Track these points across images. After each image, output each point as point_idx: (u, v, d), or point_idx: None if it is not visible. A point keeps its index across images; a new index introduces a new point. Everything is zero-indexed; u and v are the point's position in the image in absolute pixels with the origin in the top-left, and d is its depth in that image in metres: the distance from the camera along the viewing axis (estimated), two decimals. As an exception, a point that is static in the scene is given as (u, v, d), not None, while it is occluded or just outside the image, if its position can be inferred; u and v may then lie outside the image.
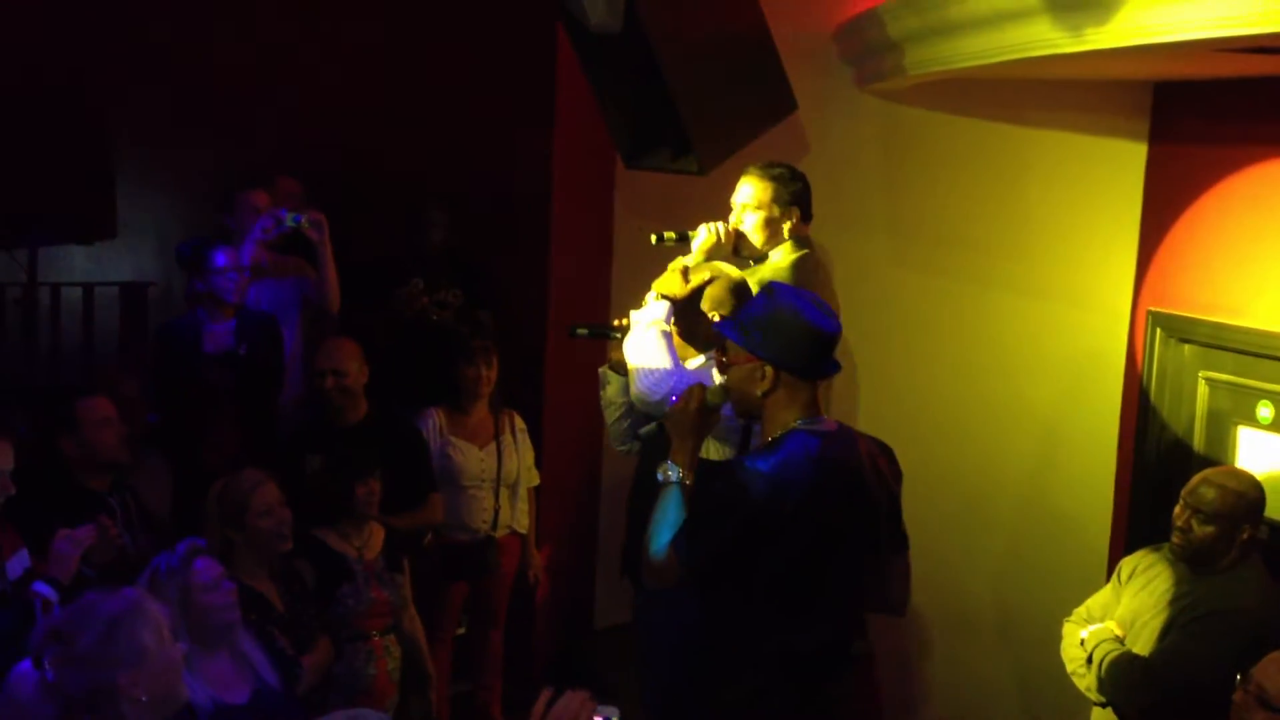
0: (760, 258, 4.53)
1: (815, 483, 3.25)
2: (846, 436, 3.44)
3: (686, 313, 4.12)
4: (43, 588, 3.62)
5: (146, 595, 3.16)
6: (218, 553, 4.18)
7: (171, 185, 7.07)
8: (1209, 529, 4.05)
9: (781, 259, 4.45)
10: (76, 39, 6.41)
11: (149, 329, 6.67)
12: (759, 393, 3.31)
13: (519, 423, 5.75)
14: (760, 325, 3.31)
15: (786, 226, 4.49)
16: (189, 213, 6.99)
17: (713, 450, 3.95)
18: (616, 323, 4.11)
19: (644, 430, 3.62)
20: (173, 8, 6.55)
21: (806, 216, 4.56)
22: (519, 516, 5.72)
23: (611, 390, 4.15)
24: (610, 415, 4.46)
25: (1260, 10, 3.23)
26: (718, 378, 3.80)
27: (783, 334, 3.30)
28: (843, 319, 4.61)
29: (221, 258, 5.35)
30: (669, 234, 4.56)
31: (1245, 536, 4.05)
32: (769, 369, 3.30)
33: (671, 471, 3.37)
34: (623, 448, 4.56)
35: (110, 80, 6.49)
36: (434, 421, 5.56)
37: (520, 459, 5.70)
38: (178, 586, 3.62)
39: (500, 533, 5.64)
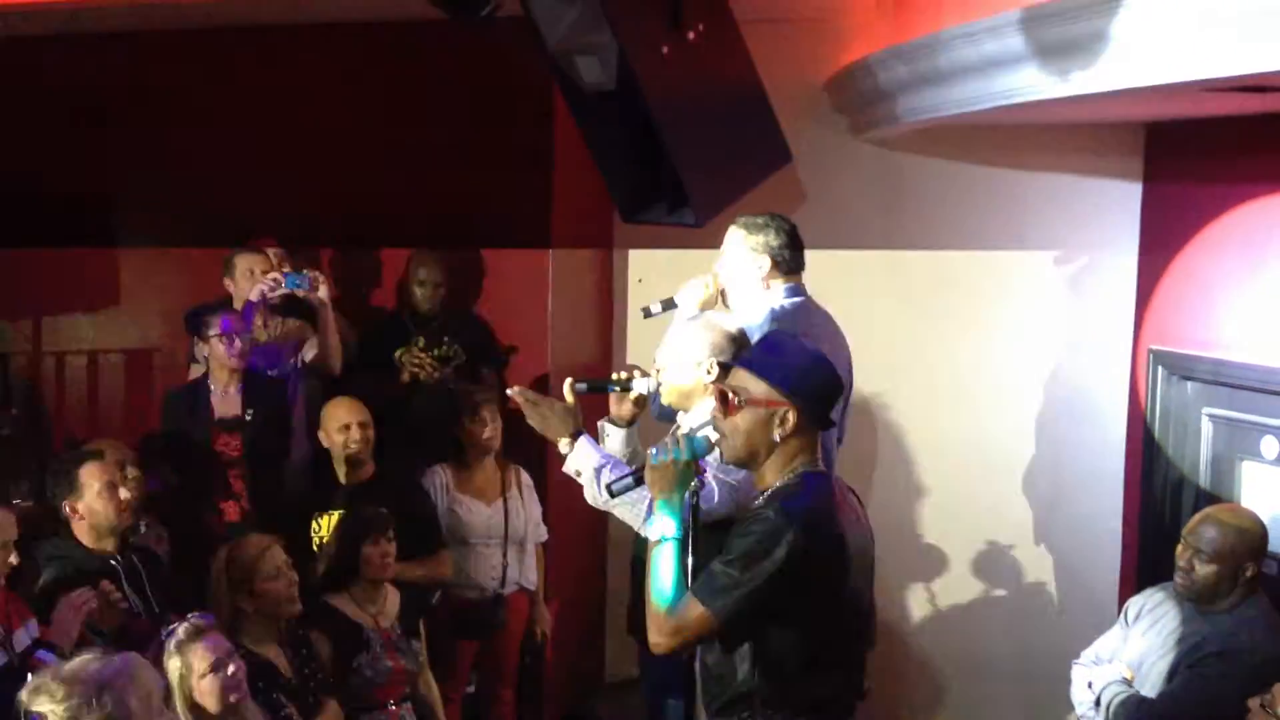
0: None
1: (837, 522, 3.26)
2: (838, 480, 3.45)
3: None
4: (45, 655, 3.62)
5: (141, 662, 3.17)
6: (226, 620, 4.18)
7: (173, 251, 7.10)
8: (1210, 568, 4.03)
9: (758, 309, 4.48)
10: (79, 105, 6.46)
11: (154, 395, 6.68)
12: (777, 437, 3.25)
13: (525, 478, 5.74)
14: (788, 367, 3.28)
15: (760, 275, 4.53)
16: (191, 279, 7.02)
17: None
18: (614, 375, 4.12)
19: (617, 483, 3.56)
20: (172, 73, 6.60)
21: (785, 267, 4.57)
22: (527, 573, 5.69)
23: (611, 443, 4.15)
24: None
25: (1245, 51, 3.26)
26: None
27: (814, 380, 3.29)
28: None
29: (225, 323, 5.38)
30: (655, 305, 4.61)
31: (1249, 574, 4.03)
32: (792, 414, 3.25)
33: (668, 527, 3.26)
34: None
35: (110, 146, 6.54)
36: (441, 479, 5.55)
37: (528, 514, 5.68)
38: (176, 668, 3.62)
39: (509, 589, 5.61)
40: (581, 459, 3.85)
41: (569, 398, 3.96)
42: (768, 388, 3.25)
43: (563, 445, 3.89)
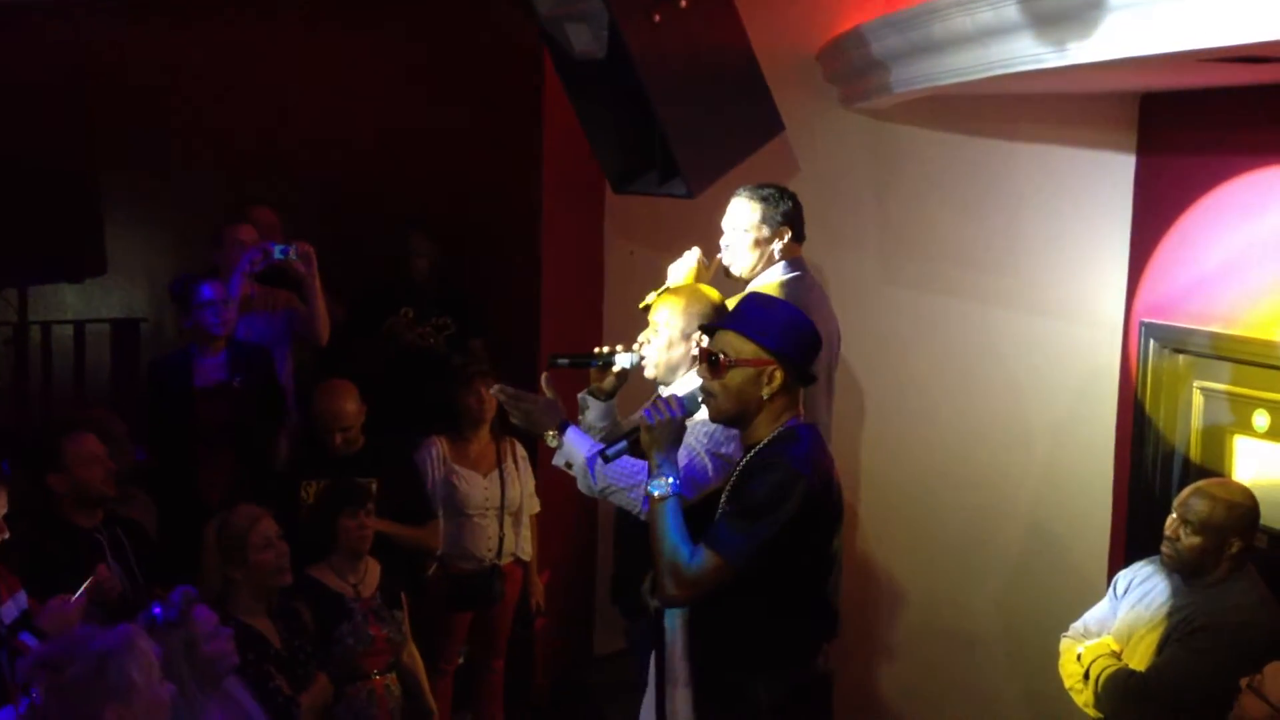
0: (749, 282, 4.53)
1: (834, 470, 3.41)
2: None
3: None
4: (28, 639, 3.59)
5: (140, 633, 3.15)
6: (216, 592, 4.17)
7: (161, 221, 7.06)
8: (1196, 540, 4.03)
9: (770, 282, 4.45)
10: (66, 75, 6.40)
11: (141, 365, 6.66)
12: (765, 395, 3.32)
13: (520, 450, 5.73)
14: (773, 327, 3.34)
15: (777, 248, 4.49)
16: (179, 248, 6.99)
17: None
18: (596, 350, 4.09)
19: (611, 450, 3.51)
20: (162, 45, 6.55)
21: (799, 236, 4.56)
22: (522, 544, 5.70)
23: (590, 415, 4.14)
24: None
25: (1240, 21, 3.23)
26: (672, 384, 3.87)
27: (794, 336, 3.36)
28: (836, 338, 4.63)
29: (208, 291, 5.35)
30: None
31: (1235, 549, 4.03)
32: (779, 371, 3.31)
33: (670, 484, 3.32)
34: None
35: (99, 117, 6.49)
36: (437, 450, 5.54)
37: (523, 486, 5.68)
38: (181, 638, 3.60)
39: (505, 560, 5.61)
40: (571, 451, 3.84)
41: (547, 392, 3.96)
42: (755, 348, 3.32)
43: (550, 439, 3.88)
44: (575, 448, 3.83)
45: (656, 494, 3.32)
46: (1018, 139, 5.84)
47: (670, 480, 3.32)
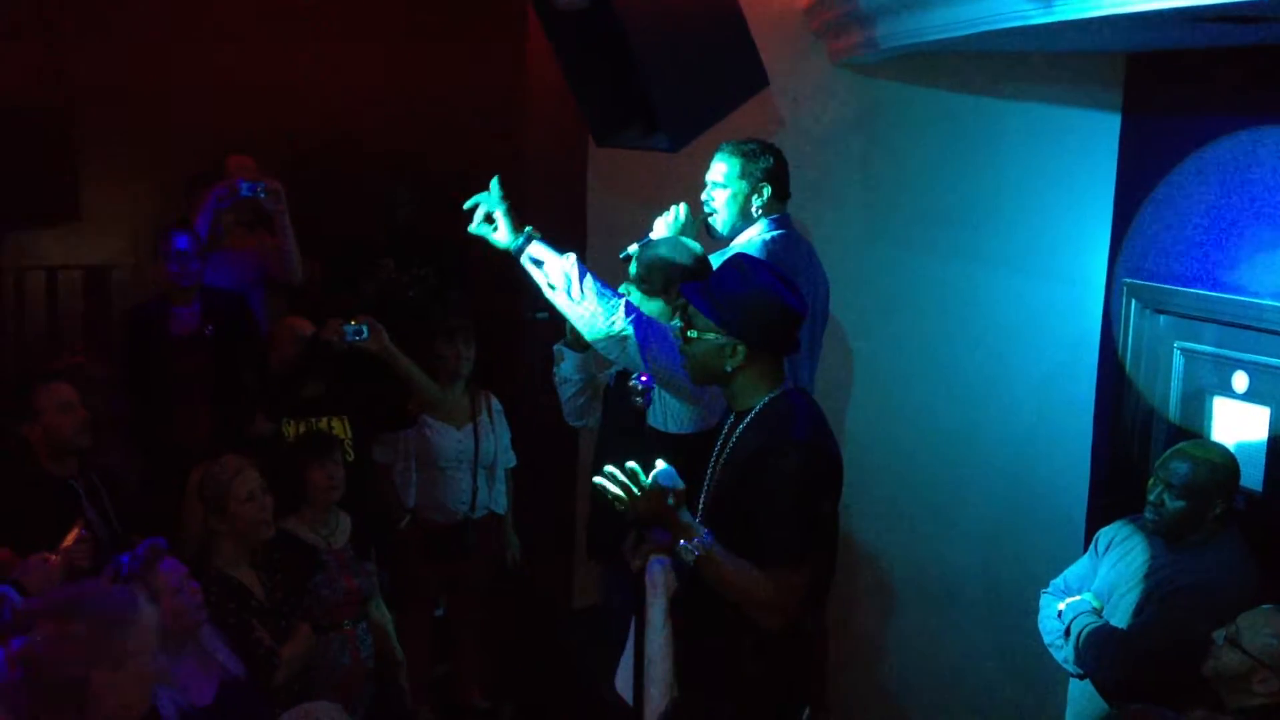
0: (733, 237, 4.51)
1: (833, 438, 3.39)
2: None
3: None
4: (8, 590, 3.57)
5: (145, 600, 3.11)
6: (198, 543, 4.15)
7: (136, 167, 6.99)
8: (1180, 505, 4.05)
9: (752, 239, 4.42)
10: (41, 20, 6.33)
11: (114, 312, 6.61)
12: (728, 368, 3.31)
13: (496, 403, 5.71)
14: (737, 303, 3.29)
15: (757, 204, 4.46)
16: (153, 195, 6.93)
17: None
18: None
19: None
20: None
21: (781, 194, 4.52)
22: (497, 497, 5.69)
23: (566, 367, 4.13)
24: (565, 392, 4.46)
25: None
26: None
27: (759, 314, 3.29)
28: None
29: (182, 241, 5.30)
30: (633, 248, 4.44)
31: (1218, 511, 4.05)
32: (741, 346, 3.28)
33: (704, 535, 3.26)
34: (578, 423, 4.58)
35: (74, 60, 6.42)
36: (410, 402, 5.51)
37: (497, 439, 5.66)
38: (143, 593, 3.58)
39: (479, 514, 5.60)
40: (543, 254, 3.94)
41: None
42: (714, 324, 3.30)
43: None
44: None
45: (697, 555, 3.24)
46: (1004, 97, 5.80)
47: (703, 531, 3.25)
